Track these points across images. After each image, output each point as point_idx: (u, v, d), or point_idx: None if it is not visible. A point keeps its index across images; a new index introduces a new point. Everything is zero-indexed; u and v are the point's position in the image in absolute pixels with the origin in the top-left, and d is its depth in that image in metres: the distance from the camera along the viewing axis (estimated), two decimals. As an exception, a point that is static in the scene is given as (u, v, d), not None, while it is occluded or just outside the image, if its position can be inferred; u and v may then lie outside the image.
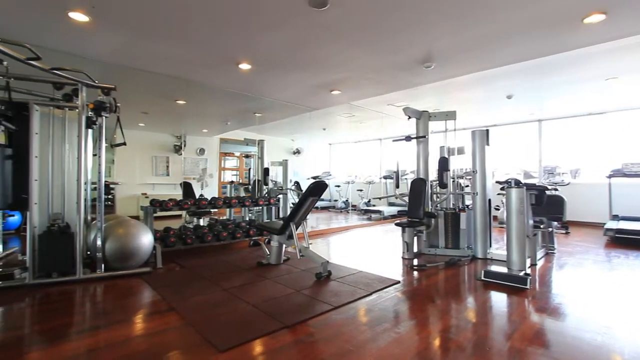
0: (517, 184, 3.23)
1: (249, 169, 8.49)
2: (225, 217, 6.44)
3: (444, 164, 4.28)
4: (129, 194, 8.38)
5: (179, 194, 7.35)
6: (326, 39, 3.26)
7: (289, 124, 8.29)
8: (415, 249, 4.20)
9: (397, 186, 5.65)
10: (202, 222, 5.77)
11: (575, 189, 6.67)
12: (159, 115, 6.89)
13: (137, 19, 2.86)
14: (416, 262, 3.86)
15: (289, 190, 6.71)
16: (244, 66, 4.01)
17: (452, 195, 4.61)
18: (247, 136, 8.25)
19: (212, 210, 5.47)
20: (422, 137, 4.49)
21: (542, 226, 3.99)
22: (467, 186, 5.90)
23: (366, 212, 8.96)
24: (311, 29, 3.05)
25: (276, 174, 7.41)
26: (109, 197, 8.02)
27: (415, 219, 4.11)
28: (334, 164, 12.54)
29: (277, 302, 2.57)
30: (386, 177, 8.79)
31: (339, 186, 10.66)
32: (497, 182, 4.25)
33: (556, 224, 4.74)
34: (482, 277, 3.14)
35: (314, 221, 7.58)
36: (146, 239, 3.47)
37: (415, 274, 3.45)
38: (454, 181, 4.69)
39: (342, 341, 1.95)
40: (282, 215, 5.72)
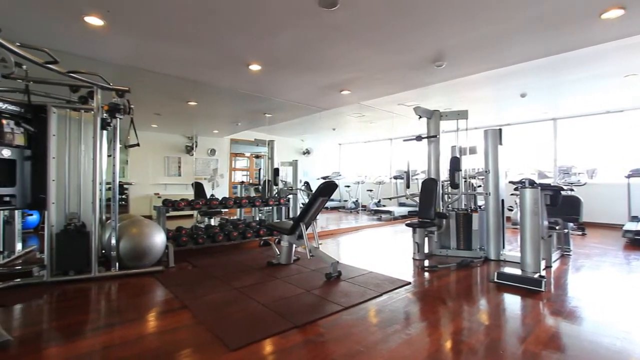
0: (532, 184, 3.16)
1: (259, 169, 8.56)
2: (235, 217, 6.50)
3: (455, 164, 4.22)
4: (142, 194, 8.54)
5: (190, 194, 7.46)
6: (336, 39, 3.25)
7: (299, 125, 8.32)
8: (426, 250, 4.16)
9: (407, 186, 5.61)
10: (213, 222, 5.84)
11: (592, 190, 6.49)
12: (171, 116, 7.00)
13: (149, 22, 2.92)
14: (427, 263, 3.82)
15: (298, 190, 6.72)
16: (254, 67, 4.04)
17: (464, 195, 4.54)
18: (257, 137, 8.30)
19: (223, 210, 5.52)
20: (433, 137, 4.44)
21: (557, 227, 3.89)
22: (480, 186, 5.80)
23: (376, 212, 8.91)
24: (321, 29, 3.05)
25: (286, 174, 7.44)
26: (123, 197, 8.19)
27: (426, 220, 4.06)
28: (343, 164, 12.51)
29: (287, 301, 2.58)
30: (396, 177, 8.72)
31: (348, 186, 10.63)
32: (510, 182, 4.18)
33: (572, 225, 4.62)
34: (495, 279, 3.08)
35: (323, 221, 7.58)
36: (159, 239, 3.53)
37: (426, 275, 3.41)
38: (465, 181, 4.62)
39: (353, 342, 1.94)
40: (292, 215, 5.74)
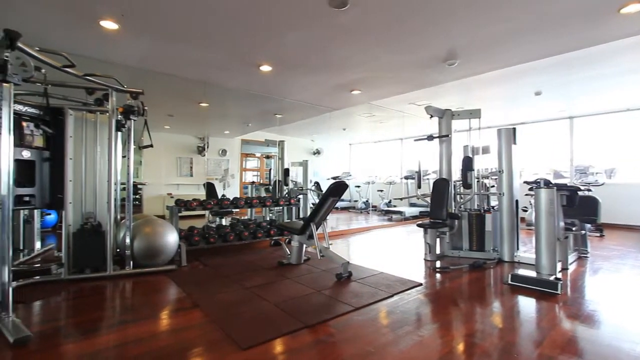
0: (547, 184, 3.09)
1: (270, 169, 8.59)
2: (246, 217, 6.55)
3: (468, 164, 4.16)
4: (155, 194, 8.69)
5: (202, 194, 7.54)
6: (346, 39, 3.24)
7: (309, 125, 8.33)
8: (437, 251, 4.11)
9: (418, 186, 5.55)
10: (224, 222, 5.90)
11: (610, 190, 6.29)
12: (184, 117, 7.11)
13: (161, 25, 2.97)
14: (439, 264, 3.78)
15: (309, 190, 6.73)
16: (265, 68, 4.06)
17: (476, 195, 4.47)
18: (267, 137, 8.34)
19: (234, 210, 5.57)
20: (445, 137, 4.39)
21: (573, 229, 3.79)
22: (493, 186, 5.70)
23: (387, 212, 8.85)
24: (331, 29, 3.05)
25: (296, 175, 7.45)
26: (137, 197, 8.34)
27: (437, 220, 4.01)
28: (354, 164, 12.47)
29: (297, 301, 2.59)
30: (407, 178, 8.64)
31: (359, 186, 10.59)
32: (525, 182, 4.09)
33: (589, 226, 4.50)
34: (509, 281, 3.02)
35: (334, 222, 7.57)
36: (172, 238, 3.58)
37: (438, 276, 3.37)
38: (478, 181, 4.54)
39: (363, 343, 1.93)
40: (302, 215, 5.75)
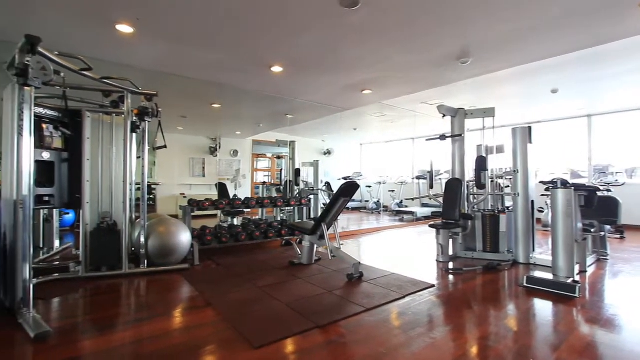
0: (564, 184, 3.01)
1: (281, 169, 8.64)
2: (257, 217, 6.60)
3: (481, 164, 4.09)
4: (169, 194, 8.85)
5: (214, 194, 7.64)
6: (357, 38, 3.23)
7: (320, 125, 8.34)
8: (450, 252, 4.05)
9: (430, 187, 5.49)
10: (236, 222, 5.96)
11: (632, 190, 6.09)
12: (196, 118, 7.21)
13: (175, 27, 3.02)
14: (452, 265, 3.72)
15: (320, 190, 6.74)
16: (276, 69, 4.09)
17: (490, 196, 4.39)
18: (278, 137, 8.39)
19: (245, 210, 5.62)
20: (458, 136, 4.32)
21: (592, 230, 3.68)
22: (507, 187, 5.58)
23: (398, 213, 8.78)
24: (342, 29, 3.04)
25: (307, 175, 7.48)
26: (151, 197, 8.51)
27: (450, 221, 3.96)
28: (364, 164, 12.42)
29: (309, 301, 2.59)
30: (419, 178, 8.55)
31: (370, 187, 10.54)
32: (541, 182, 3.99)
33: (609, 227, 4.36)
34: (525, 283, 2.95)
35: (345, 222, 7.55)
36: (185, 237, 3.64)
37: (450, 277, 3.32)
38: (492, 181, 4.46)
39: (375, 344, 1.92)
40: (313, 215, 5.76)
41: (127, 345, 1.93)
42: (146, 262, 3.42)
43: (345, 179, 8.43)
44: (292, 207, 5.71)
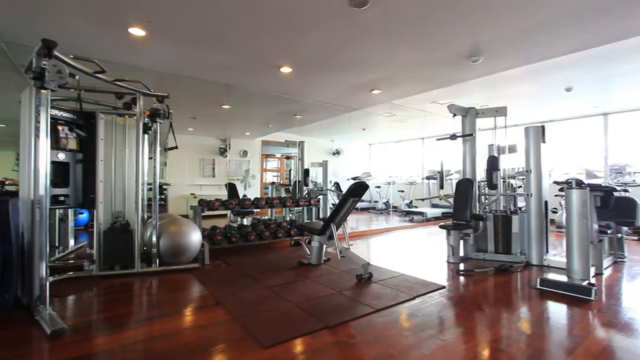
0: (579, 184, 2.94)
1: (290, 170, 8.66)
2: (267, 217, 6.63)
3: (493, 163, 4.02)
4: (179, 194, 8.96)
5: (224, 194, 7.70)
6: (367, 38, 3.22)
7: (329, 125, 8.33)
8: (461, 253, 4.00)
9: (441, 187, 5.43)
10: (245, 222, 6.00)
11: (650, 190, 5.91)
12: (206, 119, 7.30)
13: (186, 30, 3.06)
14: (462, 266, 3.67)
15: (329, 191, 6.73)
16: (285, 69, 4.10)
17: (502, 196, 4.32)
18: (287, 138, 8.41)
19: (255, 210, 5.66)
20: (468, 136, 4.27)
21: (609, 231, 3.59)
22: (520, 187, 5.49)
23: (408, 213, 8.71)
24: (351, 29, 3.04)
25: (316, 175, 7.48)
26: (162, 197, 8.64)
27: (461, 222, 3.91)
28: (374, 164, 12.36)
29: (318, 301, 2.59)
30: (429, 178, 8.47)
31: (379, 187, 10.48)
32: (555, 182, 3.91)
33: (627, 229, 4.23)
34: (538, 286, 2.89)
35: (354, 222, 7.53)
36: (195, 237, 3.68)
37: (461, 279, 3.28)
38: (504, 182, 4.39)
39: (385, 345, 1.91)
40: (322, 215, 5.76)
41: (139, 342, 1.96)
42: (158, 261, 3.47)
43: (354, 179, 8.41)
44: (301, 207, 5.72)
